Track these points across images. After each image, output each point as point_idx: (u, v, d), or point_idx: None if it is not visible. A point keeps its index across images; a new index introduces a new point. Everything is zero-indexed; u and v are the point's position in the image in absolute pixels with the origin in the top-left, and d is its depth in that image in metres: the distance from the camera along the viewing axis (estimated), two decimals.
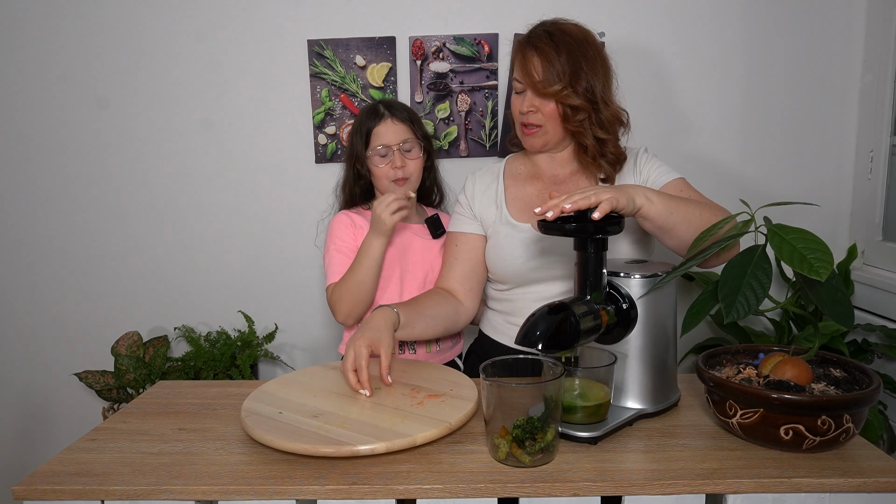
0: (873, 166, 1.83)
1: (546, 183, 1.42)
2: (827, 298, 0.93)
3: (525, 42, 1.33)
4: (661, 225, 1.13)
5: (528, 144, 1.39)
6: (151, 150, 1.97)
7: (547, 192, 1.39)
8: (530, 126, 1.35)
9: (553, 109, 1.32)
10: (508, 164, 1.48)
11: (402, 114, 1.53)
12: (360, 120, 1.55)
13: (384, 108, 1.53)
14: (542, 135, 1.35)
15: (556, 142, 1.38)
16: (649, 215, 1.10)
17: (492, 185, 1.44)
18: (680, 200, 1.16)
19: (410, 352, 1.52)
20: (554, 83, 1.28)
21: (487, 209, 1.42)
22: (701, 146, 1.92)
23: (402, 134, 1.51)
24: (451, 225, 1.48)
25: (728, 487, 0.88)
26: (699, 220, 1.15)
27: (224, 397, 1.24)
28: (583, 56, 1.30)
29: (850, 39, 1.85)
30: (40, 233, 2.02)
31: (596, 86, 1.31)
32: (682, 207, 1.14)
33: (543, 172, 1.43)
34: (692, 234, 1.12)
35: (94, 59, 1.93)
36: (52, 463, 0.98)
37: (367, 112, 1.55)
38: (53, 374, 2.06)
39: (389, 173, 1.51)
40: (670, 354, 1.12)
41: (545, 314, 0.98)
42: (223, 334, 1.95)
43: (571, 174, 1.42)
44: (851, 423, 0.91)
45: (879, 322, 1.68)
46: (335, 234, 1.53)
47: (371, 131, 1.52)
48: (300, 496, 0.89)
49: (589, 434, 0.99)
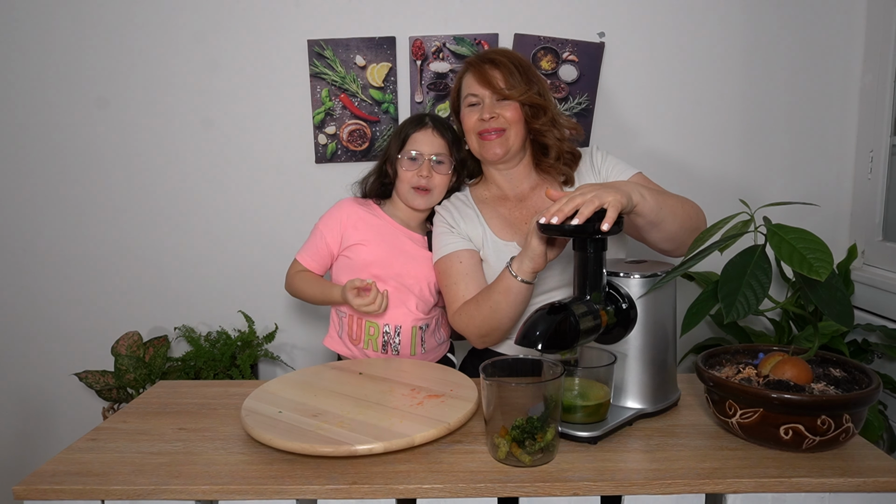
0: (873, 166, 1.83)
1: (514, 201, 1.47)
2: (827, 298, 0.93)
3: (477, 61, 1.42)
4: (652, 220, 1.15)
5: (489, 153, 1.41)
6: (151, 150, 1.97)
7: (517, 209, 1.45)
8: (490, 133, 1.39)
9: (515, 112, 1.39)
10: (473, 192, 1.52)
11: (445, 131, 1.54)
12: (403, 124, 1.58)
13: (430, 118, 1.55)
14: (503, 141, 1.40)
15: (515, 149, 1.42)
16: (643, 211, 1.11)
17: (467, 209, 1.47)
18: (663, 194, 1.21)
19: (394, 353, 1.53)
20: (517, 86, 1.38)
21: (473, 229, 1.44)
22: (701, 146, 1.92)
23: (437, 147, 1.51)
24: (444, 248, 1.43)
25: (728, 487, 0.88)
26: (682, 212, 1.21)
27: (224, 397, 1.24)
28: (530, 70, 1.43)
29: (850, 39, 1.85)
30: (40, 233, 2.02)
31: (547, 93, 1.43)
32: (668, 201, 1.19)
33: (507, 192, 1.48)
34: (677, 226, 1.20)
35: (93, 59, 1.93)
36: (52, 463, 0.98)
37: (411, 119, 1.58)
38: (53, 374, 2.06)
39: (414, 180, 1.51)
40: (670, 354, 1.12)
41: (545, 314, 0.98)
42: (223, 334, 1.95)
43: (532, 188, 1.47)
44: (851, 423, 0.91)
45: (879, 322, 1.68)
46: (326, 219, 1.57)
47: (409, 136, 1.53)
48: (300, 496, 0.89)
49: (589, 434, 0.99)
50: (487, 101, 1.40)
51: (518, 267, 1.21)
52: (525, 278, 1.22)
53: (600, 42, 1.86)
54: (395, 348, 1.52)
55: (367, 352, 1.53)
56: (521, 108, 1.39)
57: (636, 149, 1.91)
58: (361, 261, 1.51)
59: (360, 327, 1.53)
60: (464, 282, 1.38)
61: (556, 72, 1.87)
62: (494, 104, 1.39)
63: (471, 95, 1.42)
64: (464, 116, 1.44)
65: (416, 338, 1.53)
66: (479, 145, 1.42)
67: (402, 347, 1.52)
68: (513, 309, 1.27)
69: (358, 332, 1.53)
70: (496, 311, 1.28)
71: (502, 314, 1.28)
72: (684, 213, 1.22)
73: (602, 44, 1.86)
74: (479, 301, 1.32)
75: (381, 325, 1.51)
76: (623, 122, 1.90)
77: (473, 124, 1.41)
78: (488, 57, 1.41)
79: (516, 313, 1.29)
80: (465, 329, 1.37)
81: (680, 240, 1.24)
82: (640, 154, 1.91)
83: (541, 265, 1.19)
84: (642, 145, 1.91)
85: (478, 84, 1.40)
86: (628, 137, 1.90)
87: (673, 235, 1.22)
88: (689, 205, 1.26)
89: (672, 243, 1.25)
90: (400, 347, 1.52)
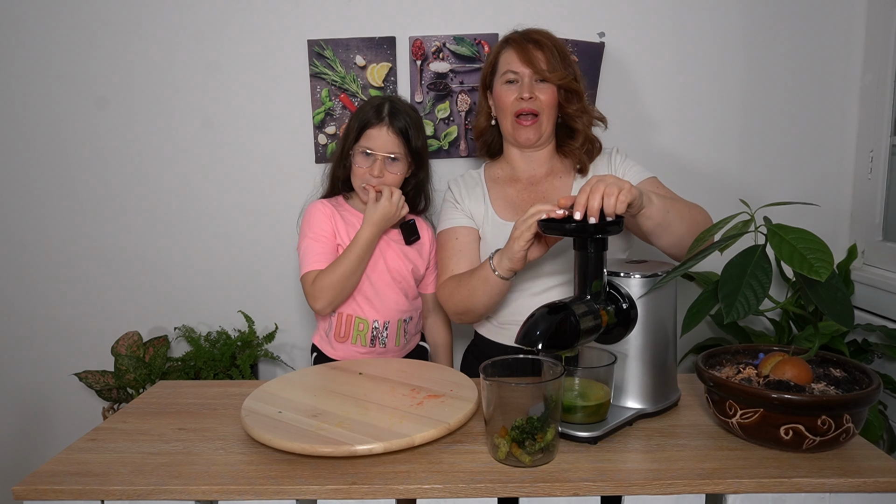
0: (873, 166, 1.83)
1: (524, 184, 1.48)
2: (827, 298, 0.93)
3: (521, 38, 1.41)
4: (660, 222, 1.16)
5: (522, 137, 1.43)
6: (151, 150, 1.97)
7: (526, 192, 1.47)
8: (527, 116, 1.40)
9: (552, 96, 1.40)
10: (487, 170, 1.54)
11: (401, 123, 1.49)
12: (364, 109, 1.53)
13: (387, 112, 1.50)
14: (537, 126, 1.41)
15: (547, 135, 1.44)
16: (652, 213, 1.13)
17: (476, 187, 1.50)
18: (671, 199, 1.22)
19: (381, 346, 1.54)
20: (558, 69, 1.39)
21: (476, 206, 1.47)
22: (701, 146, 1.92)
23: (391, 146, 1.49)
24: (446, 222, 1.49)
25: (728, 487, 0.88)
26: (689, 216, 1.22)
27: (224, 397, 1.24)
28: (568, 54, 1.45)
29: (850, 39, 1.85)
30: (40, 233, 2.02)
31: (581, 79, 1.45)
32: (675, 205, 1.20)
33: (520, 174, 1.49)
34: (684, 230, 1.21)
35: (93, 59, 1.93)
36: (52, 463, 0.98)
37: (373, 106, 1.52)
38: (53, 374, 2.06)
39: (366, 177, 1.50)
40: (670, 354, 1.12)
41: (545, 314, 0.98)
42: (223, 334, 1.95)
43: (547, 174, 1.48)
44: (851, 423, 0.91)
45: (879, 322, 1.68)
46: (314, 223, 1.52)
47: (364, 130, 1.50)
48: (300, 496, 0.89)
49: (589, 434, 0.99)
50: (527, 81, 1.39)
51: (498, 262, 1.24)
52: (502, 274, 1.24)
53: (600, 42, 1.86)
54: (382, 342, 1.54)
55: (354, 347, 1.53)
56: (557, 91, 1.40)
57: (636, 149, 1.91)
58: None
59: (349, 324, 1.54)
60: (456, 257, 1.43)
61: None
62: (533, 84, 1.39)
63: (510, 72, 1.41)
64: (500, 93, 1.43)
65: (401, 330, 1.57)
66: (514, 128, 1.43)
67: (388, 341, 1.54)
68: (487, 298, 1.31)
69: (347, 329, 1.54)
70: (472, 296, 1.33)
71: (477, 300, 1.32)
72: (691, 218, 1.23)
73: (602, 44, 1.86)
74: (460, 281, 1.36)
75: (371, 320, 1.53)
76: (623, 122, 1.90)
77: (511, 103, 1.41)
78: (532, 37, 1.41)
79: (491, 303, 1.33)
80: (444, 303, 1.43)
81: (686, 245, 1.24)
82: (641, 154, 1.90)
83: (519, 266, 1.21)
84: (643, 145, 1.91)
85: (520, 62, 1.40)
86: (628, 137, 1.90)
87: (679, 240, 1.23)
88: (696, 210, 1.27)
89: (679, 248, 1.26)
90: (387, 341, 1.54)
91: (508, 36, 1.46)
